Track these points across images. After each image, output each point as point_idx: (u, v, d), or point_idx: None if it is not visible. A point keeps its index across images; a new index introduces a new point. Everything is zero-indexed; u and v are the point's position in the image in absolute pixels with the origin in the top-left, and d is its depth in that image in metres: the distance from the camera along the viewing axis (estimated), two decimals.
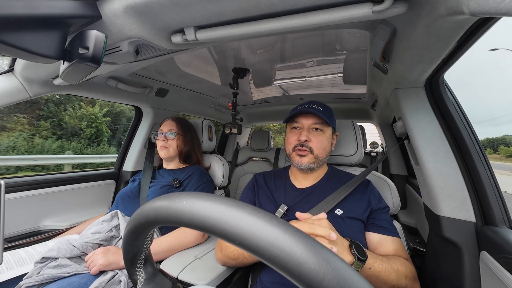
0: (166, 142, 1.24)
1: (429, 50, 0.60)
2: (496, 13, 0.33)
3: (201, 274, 0.84)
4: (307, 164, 0.84)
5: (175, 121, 1.29)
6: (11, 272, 0.80)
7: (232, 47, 1.09)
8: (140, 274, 0.35)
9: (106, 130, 9.49)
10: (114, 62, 0.80)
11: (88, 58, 0.48)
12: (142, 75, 1.28)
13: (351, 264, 0.59)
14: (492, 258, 0.60)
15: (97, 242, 0.88)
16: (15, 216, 1.09)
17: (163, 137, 1.25)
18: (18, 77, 0.90)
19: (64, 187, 1.28)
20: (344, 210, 0.78)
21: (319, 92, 1.84)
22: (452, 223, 0.73)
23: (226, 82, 1.52)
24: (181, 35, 0.65)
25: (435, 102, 0.80)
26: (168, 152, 1.24)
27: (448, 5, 0.41)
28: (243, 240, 0.20)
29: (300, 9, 0.54)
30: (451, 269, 0.73)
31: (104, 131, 9.44)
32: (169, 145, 1.24)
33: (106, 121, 9.51)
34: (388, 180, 0.99)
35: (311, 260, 0.18)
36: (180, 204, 0.24)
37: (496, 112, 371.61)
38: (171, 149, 1.24)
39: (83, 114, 9.08)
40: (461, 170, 0.73)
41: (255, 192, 0.94)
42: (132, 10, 0.54)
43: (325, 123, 0.87)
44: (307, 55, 1.16)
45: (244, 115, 2.53)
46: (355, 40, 0.98)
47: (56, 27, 0.50)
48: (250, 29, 0.59)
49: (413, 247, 1.14)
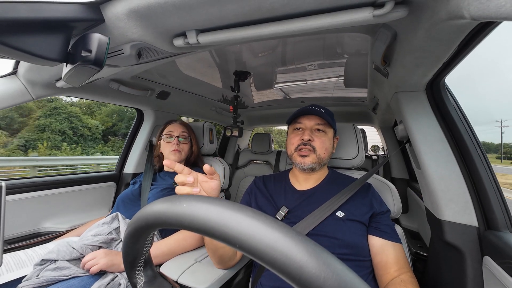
0: (178, 145, 1.24)
1: (430, 54, 0.60)
2: (496, 17, 0.33)
3: (201, 277, 0.83)
4: (309, 164, 0.84)
5: (184, 125, 1.31)
6: (10, 274, 0.79)
7: (234, 50, 1.09)
8: (140, 277, 0.35)
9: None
10: (116, 65, 0.80)
11: (91, 61, 0.49)
12: (144, 78, 1.29)
13: None
14: (495, 264, 0.59)
15: (97, 244, 0.88)
16: (16, 218, 1.09)
17: (176, 141, 1.25)
18: (21, 79, 0.90)
19: (64, 189, 1.28)
20: (345, 212, 0.78)
21: (320, 95, 1.84)
22: (454, 228, 0.72)
23: (228, 85, 1.53)
24: (183, 38, 0.65)
25: (436, 105, 0.80)
26: (180, 156, 1.25)
27: (449, 10, 0.41)
28: (243, 243, 0.20)
29: (301, 13, 0.54)
30: (454, 275, 0.72)
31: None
32: (181, 148, 1.25)
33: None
34: (389, 184, 0.98)
35: (312, 264, 0.18)
36: (180, 206, 0.24)
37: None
38: (183, 153, 1.25)
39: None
40: (463, 174, 0.73)
41: (253, 196, 0.94)
42: (134, 13, 0.54)
43: (327, 125, 0.88)
44: (308, 58, 1.17)
45: (245, 118, 2.54)
46: (356, 43, 0.98)
47: (59, 30, 0.50)
48: (251, 33, 0.59)
49: (415, 251, 1.13)
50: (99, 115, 17.66)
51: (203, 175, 0.63)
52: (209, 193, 0.62)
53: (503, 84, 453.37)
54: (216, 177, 0.63)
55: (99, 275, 0.80)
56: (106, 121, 17.39)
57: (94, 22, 0.55)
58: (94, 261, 0.80)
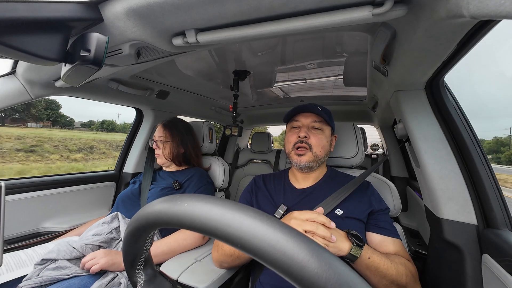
0: (159, 149, 1.25)
1: (430, 53, 0.60)
2: (496, 15, 0.33)
3: (201, 276, 0.83)
4: (306, 162, 0.85)
5: (163, 127, 1.28)
6: (10, 274, 0.79)
7: (233, 50, 1.09)
8: (140, 276, 0.35)
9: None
10: (115, 64, 0.80)
11: (90, 61, 0.49)
12: (143, 77, 1.29)
13: (349, 249, 0.61)
14: (494, 261, 0.59)
15: (97, 244, 0.88)
16: (15, 217, 1.09)
17: (155, 145, 1.26)
18: (20, 79, 0.90)
19: (64, 188, 1.28)
20: (344, 210, 0.78)
21: (320, 94, 1.84)
22: (453, 226, 0.72)
23: (227, 84, 1.52)
24: (182, 37, 0.65)
25: (436, 104, 0.80)
26: (162, 160, 1.25)
27: (448, 8, 0.41)
28: (245, 242, 0.20)
29: (301, 11, 0.54)
30: (453, 272, 0.72)
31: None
32: (161, 152, 1.25)
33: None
34: (389, 183, 0.98)
35: (314, 264, 0.18)
36: (181, 206, 0.24)
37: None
38: (163, 156, 1.25)
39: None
40: (462, 172, 0.73)
41: (253, 194, 0.94)
42: (133, 13, 0.54)
43: (324, 122, 0.88)
44: (308, 57, 1.16)
45: (245, 117, 2.54)
46: (355, 42, 0.98)
47: (58, 30, 0.50)
48: (250, 32, 0.59)
49: (414, 250, 1.13)
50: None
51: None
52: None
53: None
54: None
55: (99, 274, 0.80)
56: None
57: (93, 22, 0.55)
58: (94, 260, 0.80)
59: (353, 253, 0.61)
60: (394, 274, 0.63)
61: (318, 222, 0.60)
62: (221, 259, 0.83)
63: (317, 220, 0.61)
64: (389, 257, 0.67)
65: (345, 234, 0.65)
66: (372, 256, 0.63)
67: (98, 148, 20.16)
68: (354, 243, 0.62)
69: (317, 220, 0.61)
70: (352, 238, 0.63)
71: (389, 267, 0.63)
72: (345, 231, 0.66)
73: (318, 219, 0.61)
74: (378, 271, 0.63)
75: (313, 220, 0.61)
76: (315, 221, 0.61)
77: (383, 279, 0.63)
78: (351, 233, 0.65)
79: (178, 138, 1.28)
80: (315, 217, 0.61)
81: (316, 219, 0.61)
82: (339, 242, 0.61)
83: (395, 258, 0.68)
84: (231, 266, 0.86)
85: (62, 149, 15.86)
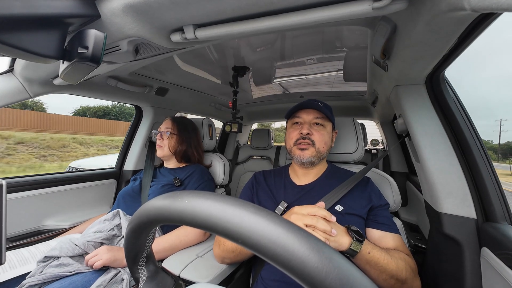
0: (162, 141, 1.25)
1: (430, 47, 0.59)
2: (497, 8, 0.33)
3: (203, 272, 0.84)
4: (308, 157, 0.85)
5: (172, 121, 1.30)
6: (14, 271, 0.80)
7: (232, 46, 1.08)
8: (142, 272, 0.36)
9: None
10: (113, 61, 0.79)
11: (88, 58, 0.48)
12: (142, 74, 1.28)
13: (350, 244, 0.61)
14: (493, 255, 0.60)
15: (99, 241, 0.89)
16: (17, 216, 1.10)
17: (159, 136, 1.26)
18: (18, 77, 0.89)
19: (65, 186, 1.28)
20: (344, 206, 0.79)
21: (320, 89, 1.84)
22: (453, 220, 0.73)
23: (226, 81, 1.52)
24: (180, 33, 0.64)
25: (436, 99, 0.80)
26: (162, 151, 1.25)
27: (449, 1, 0.40)
28: (245, 238, 0.20)
29: (300, 6, 0.53)
30: (452, 266, 0.73)
31: None
32: (164, 144, 1.25)
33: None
34: (388, 178, 0.99)
35: (314, 259, 0.18)
36: (182, 202, 0.24)
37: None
38: (165, 148, 1.25)
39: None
40: (462, 166, 0.73)
41: (254, 191, 0.94)
42: (131, 9, 0.53)
43: (325, 118, 0.88)
44: (307, 52, 1.16)
45: (244, 114, 2.53)
46: (355, 37, 0.97)
47: (55, 27, 0.50)
48: (249, 27, 0.59)
49: (414, 244, 1.14)
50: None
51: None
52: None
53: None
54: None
55: (102, 270, 0.81)
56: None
57: (90, 18, 0.55)
58: (97, 257, 0.81)
59: (353, 248, 0.61)
60: (394, 269, 0.64)
61: (318, 215, 0.61)
62: (223, 255, 0.83)
63: (318, 213, 0.61)
64: (389, 252, 0.68)
65: (345, 229, 0.65)
66: (372, 251, 0.63)
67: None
68: (354, 238, 0.63)
69: (318, 214, 0.61)
70: (352, 233, 0.63)
71: (389, 262, 0.64)
72: (346, 226, 0.66)
73: (319, 212, 0.61)
74: (378, 265, 0.63)
75: (313, 214, 0.61)
76: (315, 214, 0.61)
77: (383, 274, 0.64)
78: (351, 228, 0.65)
79: (184, 135, 1.29)
80: (315, 211, 0.62)
81: (317, 213, 0.61)
82: (339, 237, 0.61)
83: (395, 253, 0.69)
84: (233, 261, 0.86)
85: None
